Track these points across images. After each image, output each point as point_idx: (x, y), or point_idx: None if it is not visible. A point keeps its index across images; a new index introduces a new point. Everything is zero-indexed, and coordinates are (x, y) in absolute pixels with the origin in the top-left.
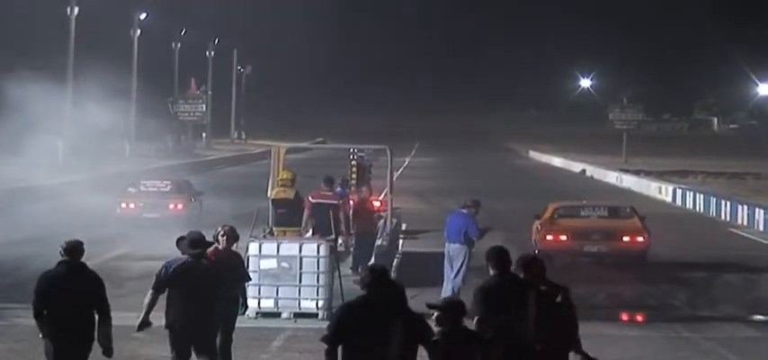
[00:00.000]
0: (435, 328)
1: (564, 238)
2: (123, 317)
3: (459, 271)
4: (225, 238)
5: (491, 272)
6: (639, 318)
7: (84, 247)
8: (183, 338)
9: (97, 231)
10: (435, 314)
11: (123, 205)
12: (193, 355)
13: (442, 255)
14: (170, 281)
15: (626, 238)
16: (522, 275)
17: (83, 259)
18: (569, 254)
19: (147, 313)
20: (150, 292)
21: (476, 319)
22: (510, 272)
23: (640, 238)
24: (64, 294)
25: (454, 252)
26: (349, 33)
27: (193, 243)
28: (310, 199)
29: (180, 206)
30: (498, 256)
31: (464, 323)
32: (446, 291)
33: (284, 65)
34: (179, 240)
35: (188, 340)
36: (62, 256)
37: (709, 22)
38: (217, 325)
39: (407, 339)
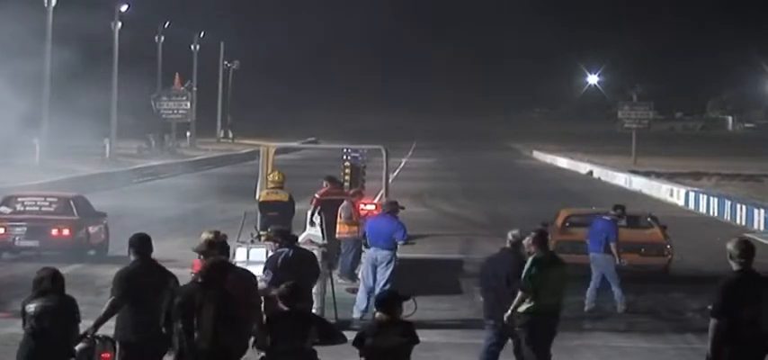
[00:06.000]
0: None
1: None
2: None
3: (389, 280)
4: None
5: (132, 257)
6: (650, 328)
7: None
8: None
9: None
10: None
11: None
12: None
13: (437, 261)
14: (290, 266)
15: (647, 251)
16: None
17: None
18: (582, 267)
19: None
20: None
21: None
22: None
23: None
24: None
25: (382, 258)
26: (343, 28)
27: (284, 235)
28: (317, 196)
29: (66, 231)
30: (140, 242)
31: None
32: (361, 304)
33: (274, 60)
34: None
35: None
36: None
37: (724, 16)
38: None
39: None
